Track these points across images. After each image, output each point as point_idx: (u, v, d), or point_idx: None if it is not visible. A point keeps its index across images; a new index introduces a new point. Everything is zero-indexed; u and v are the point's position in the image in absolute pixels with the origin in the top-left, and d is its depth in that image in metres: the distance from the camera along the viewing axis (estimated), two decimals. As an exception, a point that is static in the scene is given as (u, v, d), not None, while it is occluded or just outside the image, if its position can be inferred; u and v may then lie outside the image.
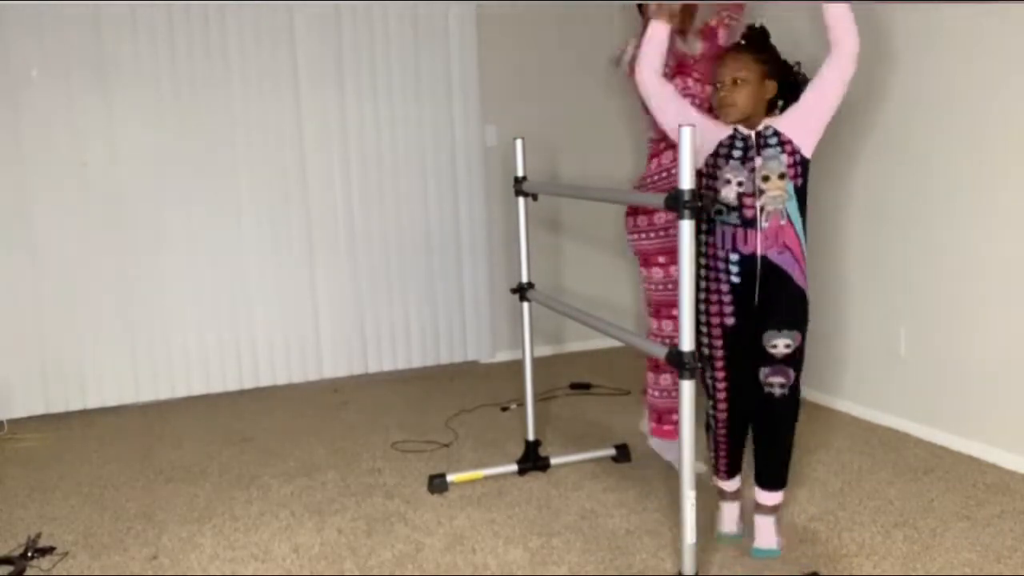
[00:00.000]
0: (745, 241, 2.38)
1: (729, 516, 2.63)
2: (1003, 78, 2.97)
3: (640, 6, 3.06)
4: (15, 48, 3.91)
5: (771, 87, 2.42)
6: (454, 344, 4.84)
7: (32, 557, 2.64)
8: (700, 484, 2.31)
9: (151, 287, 4.24)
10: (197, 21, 4.16)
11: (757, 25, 2.49)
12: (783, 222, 2.36)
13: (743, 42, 2.46)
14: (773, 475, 2.53)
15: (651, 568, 2.45)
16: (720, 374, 2.50)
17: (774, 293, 2.39)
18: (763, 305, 2.41)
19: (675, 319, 2.92)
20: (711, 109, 2.77)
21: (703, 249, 2.47)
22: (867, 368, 3.65)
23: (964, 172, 3.14)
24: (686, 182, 2.02)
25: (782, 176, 2.35)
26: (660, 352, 2.21)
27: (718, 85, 2.43)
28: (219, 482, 3.24)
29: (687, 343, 2.09)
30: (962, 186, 3.15)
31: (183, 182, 4.24)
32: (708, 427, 2.60)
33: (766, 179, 2.35)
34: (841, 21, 2.33)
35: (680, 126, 2.03)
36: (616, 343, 4.94)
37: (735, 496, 2.63)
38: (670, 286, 3.05)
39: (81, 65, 4.01)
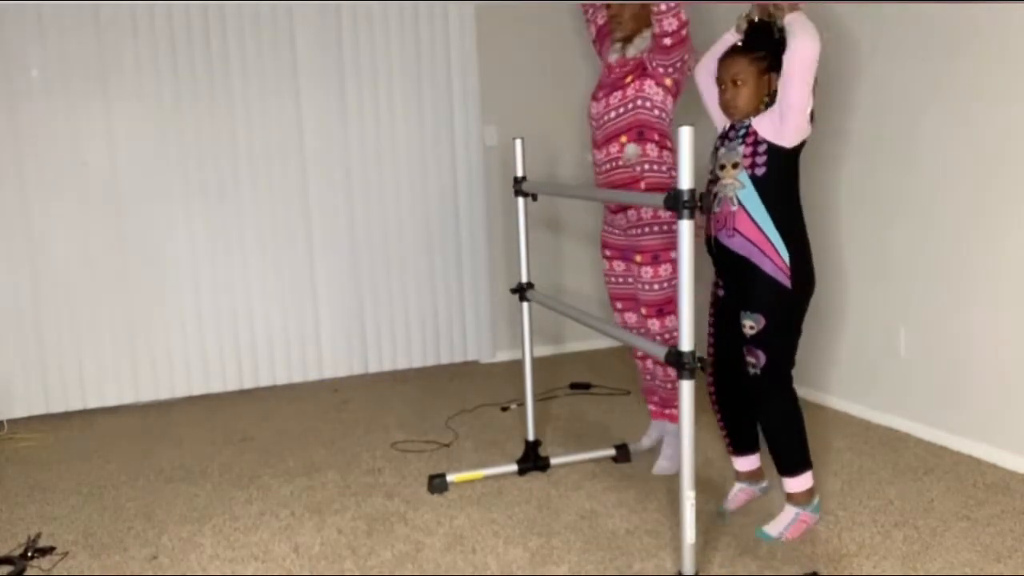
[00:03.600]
0: (708, 224, 2.57)
1: (732, 494, 2.78)
2: (1001, 75, 2.97)
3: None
4: (15, 49, 3.91)
5: (772, 81, 2.46)
6: (454, 344, 4.84)
7: (32, 557, 2.64)
8: (700, 484, 2.31)
9: (151, 287, 4.24)
10: (197, 21, 4.16)
11: (756, 19, 2.52)
12: (734, 208, 2.45)
13: (740, 43, 2.54)
14: (774, 458, 2.60)
15: (651, 568, 2.45)
16: (710, 348, 2.68)
17: (739, 275, 2.50)
18: (734, 284, 2.55)
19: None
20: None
21: None
22: (867, 368, 3.65)
23: (964, 172, 3.14)
24: (685, 182, 2.02)
25: (735, 166, 2.45)
26: (660, 352, 2.21)
27: (722, 87, 2.52)
28: (219, 482, 3.24)
29: (687, 343, 2.09)
30: (962, 186, 3.15)
31: (183, 182, 4.24)
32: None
33: (722, 167, 2.50)
34: (791, 25, 2.37)
35: (680, 126, 2.04)
36: (616, 343, 4.95)
37: (744, 477, 2.78)
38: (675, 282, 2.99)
39: (81, 66, 4.01)
